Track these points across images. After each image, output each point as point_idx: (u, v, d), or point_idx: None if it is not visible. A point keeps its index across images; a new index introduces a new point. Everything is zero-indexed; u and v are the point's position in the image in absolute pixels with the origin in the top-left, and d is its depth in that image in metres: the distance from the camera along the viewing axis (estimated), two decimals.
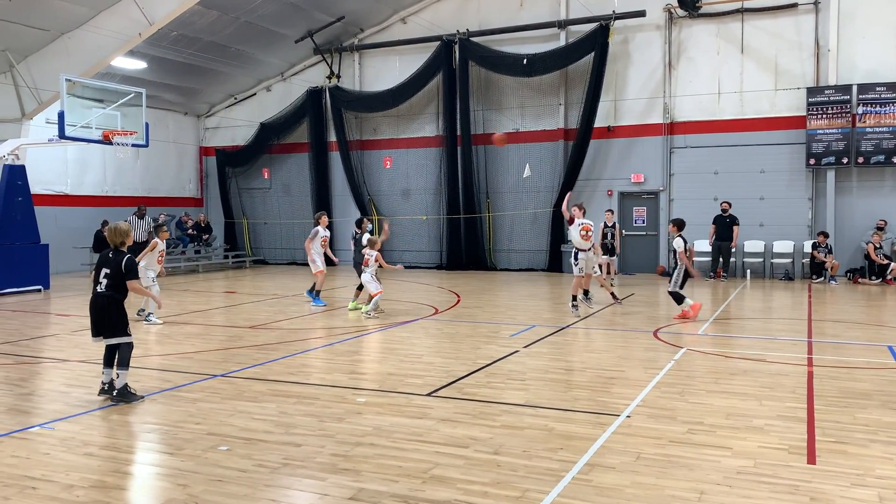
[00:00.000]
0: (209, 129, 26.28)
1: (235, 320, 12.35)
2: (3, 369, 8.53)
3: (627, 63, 20.48)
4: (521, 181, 21.51)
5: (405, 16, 22.71)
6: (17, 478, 4.91)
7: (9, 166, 16.79)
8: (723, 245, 18.47)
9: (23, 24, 16.90)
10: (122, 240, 7.03)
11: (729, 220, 18.48)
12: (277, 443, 5.64)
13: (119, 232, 7.04)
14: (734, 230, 18.39)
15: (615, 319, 12.25)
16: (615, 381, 7.63)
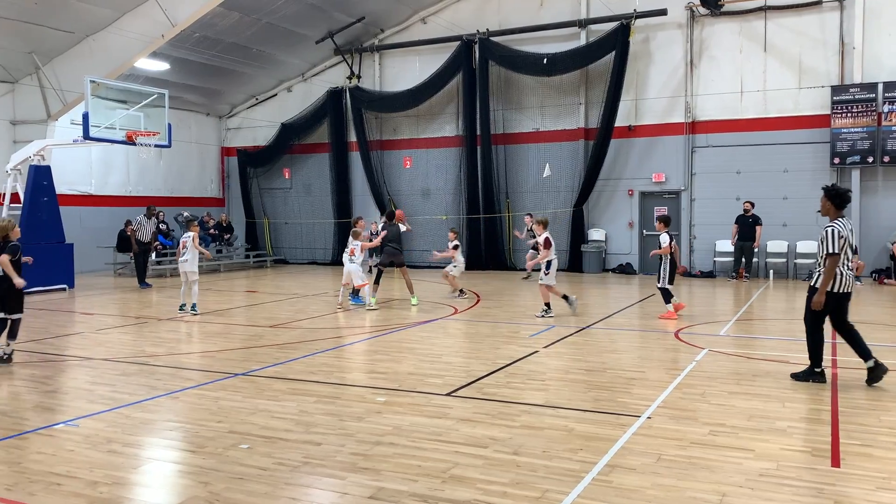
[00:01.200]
0: (231, 129, 26.49)
1: (256, 319, 12.43)
2: (29, 367, 8.66)
3: (648, 62, 20.35)
4: (541, 181, 21.46)
5: (425, 16, 22.74)
6: (43, 474, 4.98)
7: (34, 167, 17.03)
8: (745, 245, 18.28)
9: (48, 26, 17.16)
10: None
11: (751, 220, 18.29)
12: (298, 441, 5.67)
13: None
14: (757, 230, 18.20)
15: (636, 320, 12.18)
16: (636, 382, 7.59)
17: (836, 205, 7.35)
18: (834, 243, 7.12)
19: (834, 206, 7.35)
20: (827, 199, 7.40)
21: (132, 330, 11.55)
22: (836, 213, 7.36)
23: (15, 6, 15.90)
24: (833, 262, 7.13)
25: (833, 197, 7.35)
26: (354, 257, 13.10)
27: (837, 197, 7.34)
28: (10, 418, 6.40)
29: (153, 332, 11.26)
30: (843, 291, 7.25)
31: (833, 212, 7.36)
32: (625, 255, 20.85)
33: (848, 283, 7.25)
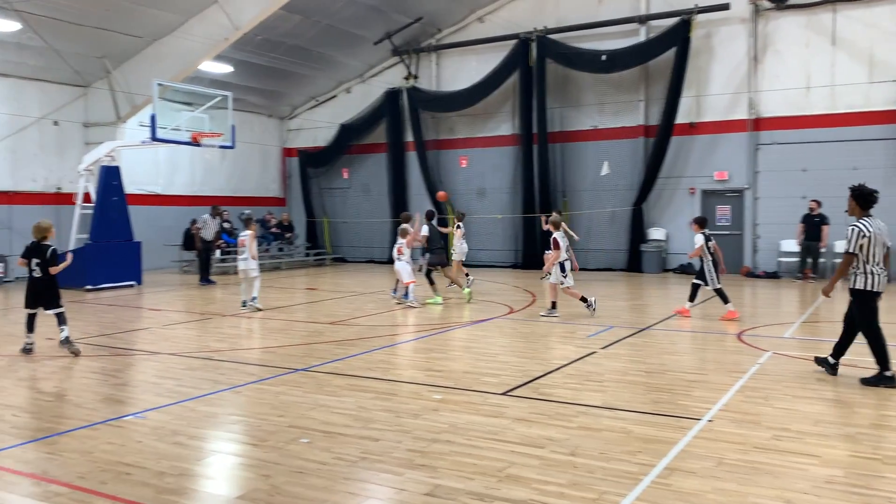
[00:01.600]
0: (292, 130, 26.98)
1: (316, 316, 12.64)
2: (99, 360, 9.00)
3: (710, 57, 19.91)
4: (599, 179, 21.21)
5: (482, 15, 22.73)
6: (113, 464, 5.17)
7: (105, 167, 17.67)
8: (811, 245, 17.70)
9: (118, 31, 17.78)
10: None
11: (818, 220, 17.69)
12: (356, 437, 5.75)
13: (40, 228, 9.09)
14: (823, 230, 17.59)
15: (697, 321, 11.94)
16: (696, 385, 7.44)
17: (861, 205, 7.47)
18: (853, 242, 7.28)
19: (859, 206, 7.49)
20: (852, 198, 7.54)
21: (197, 326, 11.89)
22: (861, 213, 7.47)
23: (88, 13, 16.54)
24: (847, 260, 7.34)
25: (858, 197, 7.49)
26: (403, 255, 13.40)
27: (862, 197, 7.47)
28: (82, 409, 6.67)
29: (217, 328, 11.57)
30: (874, 290, 7.33)
31: (858, 211, 7.49)
32: (686, 255, 20.43)
33: (879, 283, 7.32)
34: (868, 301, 7.36)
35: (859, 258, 7.30)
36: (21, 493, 4.68)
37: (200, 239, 18.42)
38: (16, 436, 5.88)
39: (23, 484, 4.83)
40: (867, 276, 7.28)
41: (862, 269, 7.31)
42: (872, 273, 7.27)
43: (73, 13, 16.39)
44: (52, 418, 6.38)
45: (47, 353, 9.41)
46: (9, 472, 5.02)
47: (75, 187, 18.64)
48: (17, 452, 5.45)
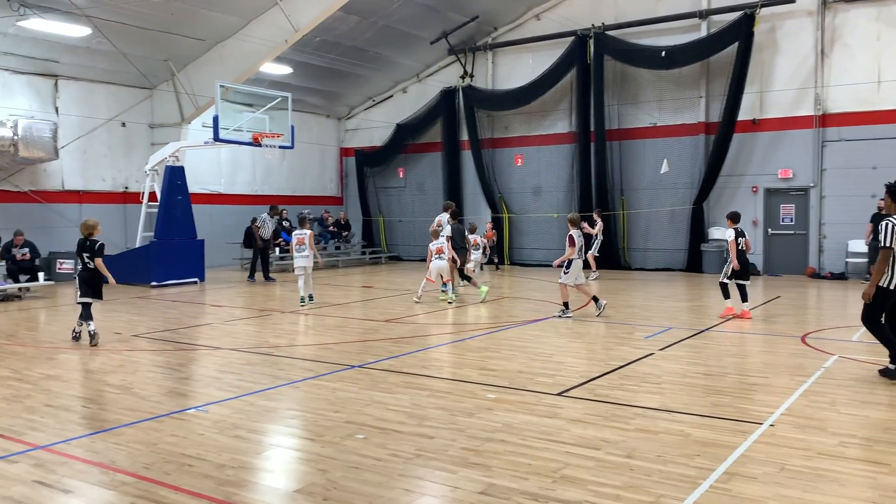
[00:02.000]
0: (349, 130, 27.32)
1: (372, 314, 12.77)
2: (164, 355, 9.29)
3: (775, 52, 19.35)
4: (659, 177, 20.83)
5: (539, 12, 22.59)
6: (177, 455, 5.33)
7: (170, 167, 18.19)
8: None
9: (182, 35, 18.30)
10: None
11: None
12: (411, 434, 5.79)
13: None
14: None
15: (759, 323, 11.64)
16: (758, 388, 7.26)
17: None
18: (890, 237, 7.25)
19: (895, 203, 7.51)
20: (888, 195, 7.57)
21: (257, 322, 12.15)
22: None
23: (154, 17, 17.05)
24: (885, 255, 7.26)
25: (893, 194, 7.52)
26: (443, 255, 13.77)
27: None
28: (147, 402, 6.89)
29: (276, 324, 11.80)
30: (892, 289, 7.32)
31: (894, 208, 7.52)
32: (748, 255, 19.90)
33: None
34: (887, 298, 7.40)
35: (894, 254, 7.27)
36: (91, 481, 4.87)
37: (259, 237, 18.81)
38: (86, 426, 6.11)
39: (92, 472, 5.02)
40: (892, 273, 7.30)
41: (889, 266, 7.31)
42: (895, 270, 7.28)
43: (140, 18, 16.92)
44: (119, 410, 6.61)
45: (115, 347, 9.76)
46: (79, 461, 5.23)
47: (141, 187, 19.25)
48: (87, 442, 5.67)
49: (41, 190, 18.64)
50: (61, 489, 4.72)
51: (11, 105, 17.71)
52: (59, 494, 4.65)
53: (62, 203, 19.07)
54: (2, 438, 5.74)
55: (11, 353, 9.39)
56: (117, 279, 17.40)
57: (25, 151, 16.93)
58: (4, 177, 17.85)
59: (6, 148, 16.80)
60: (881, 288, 7.34)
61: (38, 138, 17.10)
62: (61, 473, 4.98)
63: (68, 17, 16.09)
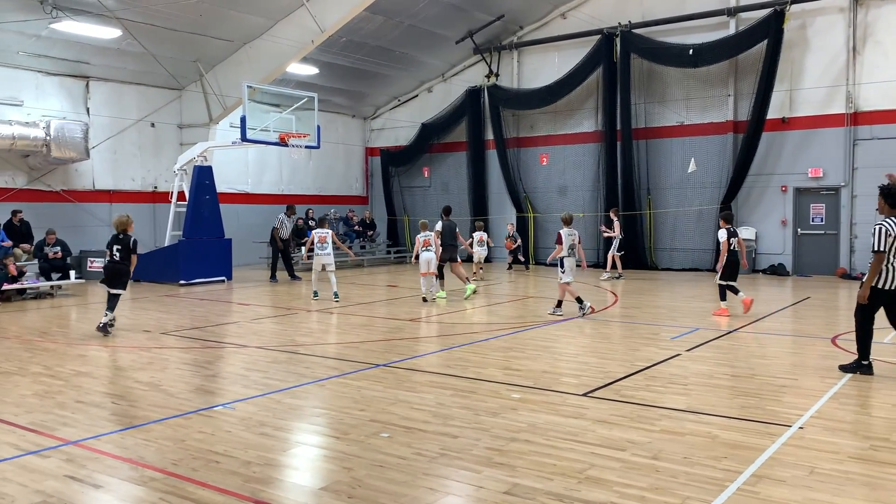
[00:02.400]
0: (374, 130, 27.42)
1: (397, 313, 12.80)
2: (192, 352, 9.40)
3: (805, 50, 19.07)
4: (686, 176, 20.64)
5: (565, 11, 22.49)
6: (204, 451, 5.39)
7: (198, 167, 18.41)
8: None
9: (210, 36, 18.50)
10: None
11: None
12: (435, 433, 5.80)
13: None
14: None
15: (788, 324, 11.49)
16: (787, 390, 7.16)
17: (891, 203, 7.51)
18: (879, 241, 7.36)
19: (888, 205, 7.53)
20: (881, 197, 7.60)
21: (283, 320, 12.24)
22: (889, 212, 7.53)
23: (183, 19, 17.26)
24: (878, 260, 7.38)
25: (887, 196, 7.54)
26: (430, 247, 14.09)
27: (891, 196, 7.51)
28: (175, 399, 6.97)
29: (302, 323, 11.88)
30: (891, 288, 7.45)
31: (887, 210, 7.55)
32: (777, 255, 19.70)
33: (893, 281, 7.42)
34: (880, 297, 7.52)
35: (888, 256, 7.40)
36: (120, 476, 4.94)
37: (279, 238, 18.87)
38: (115, 422, 6.21)
39: (122, 468, 5.09)
40: (884, 273, 7.44)
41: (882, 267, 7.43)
42: (889, 270, 7.42)
43: (169, 19, 17.14)
44: (148, 407, 6.71)
45: (144, 344, 9.90)
46: (109, 457, 5.31)
47: (170, 186, 19.50)
48: (117, 438, 5.76)
49: (72, 189, 18.96)
50: (91, 484, 4.80)
51: (44, 106, 18.04)
52: (89, 489, 4.73)
53: (93, 203, 19.38)
54: (34, 433, 5.86)
55: (43, 349, 9.57)
56: (146, 277, 17.85)
57: (57, 152, 17.24)
58: (37, 176, 18.19)
59: (39, 148, 17.11)
60: (875, 288, 7.49)
61: (69, 139, 17.40)
62: (92, 468, 5.06)
63: (99, 20, 16.34)
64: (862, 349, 7.71)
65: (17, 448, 5.50)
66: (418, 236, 14.39)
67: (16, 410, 6.57)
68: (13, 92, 17.62)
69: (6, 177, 17.71)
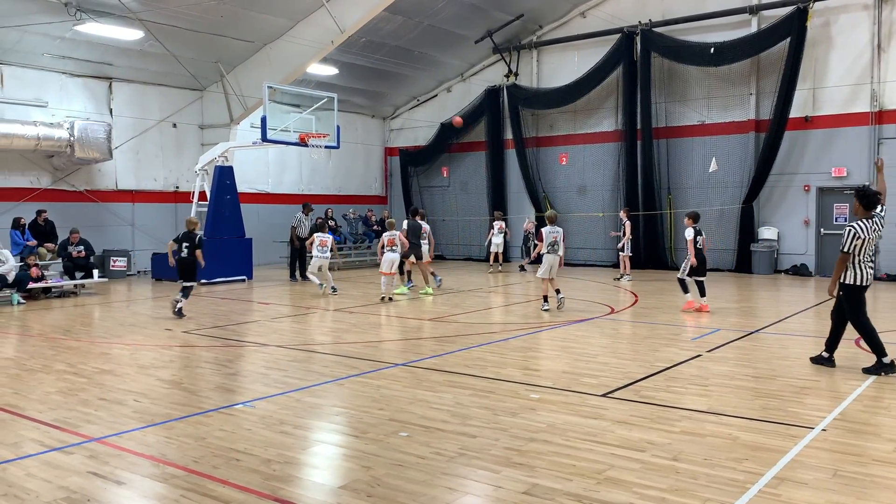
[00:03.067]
0: (394, 130, 27.47)
1: (415, 312, 12.82)
2: (213, 351, 9.48)
3: (828, 47, 18.84)
4: (707, 176, 20.47)
5: (584, 10, 22.40)
6: (225, 449, 5.44)
7: (219, 167, 18.55)
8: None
9: (231, 37, 18.63)
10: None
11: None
12: (454, 433, 5.81)
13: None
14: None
15: (811, 325, 11.36)
16: (809, 391, 7.09)
17: (864, 205, 7.79)
18: (848, 242, 7.70)
19: (862, 207, 7.81)
20: (856, 199, 7.88)
21: (303, 319, 12.30)
22: (864, 213, 7.80)
23: (204, 20, 17.40)
24: (842, 259, 7.74)
25: (861, 198, 7.82)
26: (395, 247, 14.34)
27: (865, 198, 7.79)
28: (196, 397, 7.04)
29: (322, 322, 11.94)
30: (862, 284, 7.77)
31: (862, 212, 7.82)
32: (799, 256, 19.48)
33: (867, 278, 7.76)
34: (856, 294, 7.79)
35: (853, 256, 7.71)
36: (142, 473, 5.00)
37: (297, 237, 18.85)
38: (137, 420, 6.27)
39: (143, 465, 5.15)
40: (856, 272, 7.72)
41: (852, 264, 7.73)
42: (861, 269, 7.72)
43: (191, 20, 17.29)
44: (169, 404, 6.77)
45: (166, 343, 9.99)
46: (131, 454, 5.37)
47: (192, 186, 19.66)
48: (139, 435, 5.82)
49: (96, 189, 19.19)
50: (114, 480, 4.86)
51: (68, 107, 18.29)
52: (112, 486, 4.78)
53: (116, 202, 19.61)
54: (58, 430, 5.94)
55: (67, 347, 9.69)
56: (169, 277, 17.99)
57: (81, 152, 17.46)
58: (61, 177, 18.43)
59: (63, 149, 17.34)
60: (855, 286, 7.75)
61: (93, 139, 17.61)
62: (114, 465, 5.12)
63: (122, 21, 16.52)
64: (875, 348, 7.76)
65: (42, 444, 5.58)
66: (384, 235, 14.70)
67: (40, 407, 6.66)
68: (38, 93, 17.87)
69: (31, 177, 17.96)
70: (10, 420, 6.27)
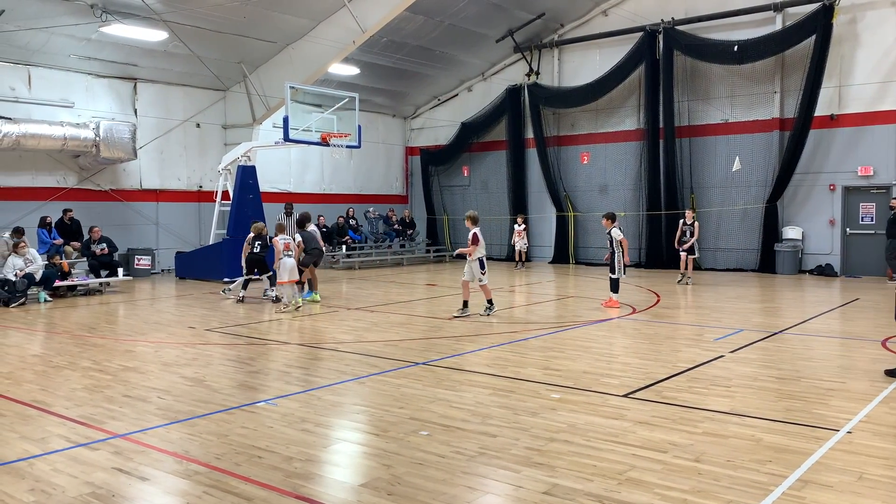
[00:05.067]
0: (414, 129, 27.51)
1: (436, 311, 12.84)
2: (235, 349, 9.55)
3: (855, 45, 18.58)
4: (730, 175, 20.28)
5: (606, 8, 22.28)
6: (247, 447, 5.48)
7: (242, 167, 18.66)
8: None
9: (254, 37, 18.76)
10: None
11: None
12: (474, 432, 5.81)
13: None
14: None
15: (836, 326, 11.22)
16: (834, 393, 7.00)
17: None
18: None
19: None
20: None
21: (324, 318, 12.36)
22: None
23: (228, 21, 17.54)
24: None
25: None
26: (290, 251, 13.05)
27: None
28: (219, 394, 7.10)
29: (342, 321, 11.99)
30: None
31: None
32: (824, 256, 19.24)
33: None
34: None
35: None
36: (165, 469, 5.06)
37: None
38: (161, 416, 6.34)
39: (167, 461, 5.21)
40: None
41: None
42: None
43: (214, 21, 17.43)
44: (192, 402, 6.84)
45: (189, 341, 10.09)
46: (155, 450, 5.43)
47: (215, 186, 19.81)
48: (162, 432, 5.88)
49: (121, 189, 19.43)
50: (138, 476, 4.92)
51: (94, 107, 18.52)
52: (136, 481, 4.84)
53: (140, 202, 19.83)
54: (84, 426, 6.02)
55: (93, 345, 9.83)
56: (191, 275, 18.19)
57: (106, 152, 17.68)
58: (87, 176, 18.68)
59: (89, 149, 17.57)
60: None
61: (118, 139, 17.83)
62: (138, 461, 5.18)
63: (147, 23, 16.70)
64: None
65: (68, 440, 5.66)
66: (275, 238, 13.19)
67: (66, 404, 6.76)
68: (65, 94, 18.13)
69: (58, 176, 18.22)
70: (38, 416, 6.37)
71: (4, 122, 16.12)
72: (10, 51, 16.68)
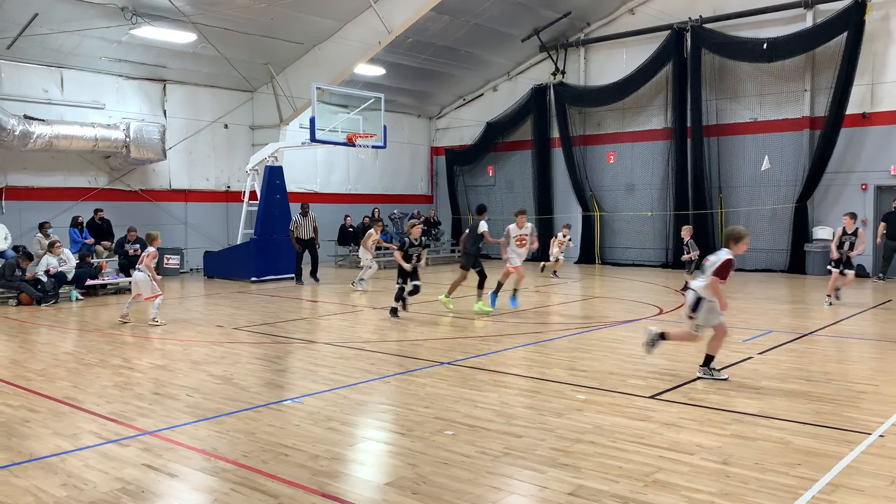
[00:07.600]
0: (440, 129, 27.54)
1: (460, 311, 12.83)
2: (262, 347, 9.64)
3: (888, 42, 18.24)
4: (759, 174, 20.02)
5: (633, 6, 22.12)
6: (274, 444, 5.53)
7: (269, 167, 18.86)
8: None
9: (281, 39, 18.92)
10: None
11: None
12: (499, 432, 5.80)
13: None
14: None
15: (868, 328, 11.03)
16: (866, 396, 6.88)
17: None
18: None
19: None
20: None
21: (350, 317, 12.43)
22: None
23: (255, 23, 17.71)
24: None
25: None
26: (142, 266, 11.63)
27: None
28: (247, 392, 7.17)
29: (368, 320, 12.05)
30: None
31: None
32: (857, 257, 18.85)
33: None
34: None
35: None
36: (193, 466, 5.12)
37: (296, 240, 17.73)
38: (189, 414, 6.42)
39: (195, 458, 5.27)
40: None
41: None
42: None
43: (242, 23, 17.61)
44: (220, 400, 6.91)
45: (217, 339, 10.20)
46: (183, 447, 5.50)
47: (242, 186, 20.04)
48: (190, 430, 5.96)
49: (150, 189, 19.70)
50: (167, 473, 4.99)
51: (124, 109, 18.80)
52: (165, 478, 4.91)
53: (169, 202, 20.09)
54: (115, 423, 6.12)
55: (123, 342, 9.98)
56: (219, 274, 18.39)
57: (136, 152, 17.95)
58: (117, 177, 18.97)
59: (119, 149, 17.84)
60: None
61: (147, 140, 18.08)
62: (167, 458, 5.25)
63: (176, 25, 16.92)
64: None
65: (99, 437, 5.76)
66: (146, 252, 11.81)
67: (97, 400, 6.87)
68: (96, 96, 18.42)
69: (89, 177, 18.53)
70: (70, 412, 6.49)
71: (38, 123, 16.44)
72: (43, 53, 16.99)
